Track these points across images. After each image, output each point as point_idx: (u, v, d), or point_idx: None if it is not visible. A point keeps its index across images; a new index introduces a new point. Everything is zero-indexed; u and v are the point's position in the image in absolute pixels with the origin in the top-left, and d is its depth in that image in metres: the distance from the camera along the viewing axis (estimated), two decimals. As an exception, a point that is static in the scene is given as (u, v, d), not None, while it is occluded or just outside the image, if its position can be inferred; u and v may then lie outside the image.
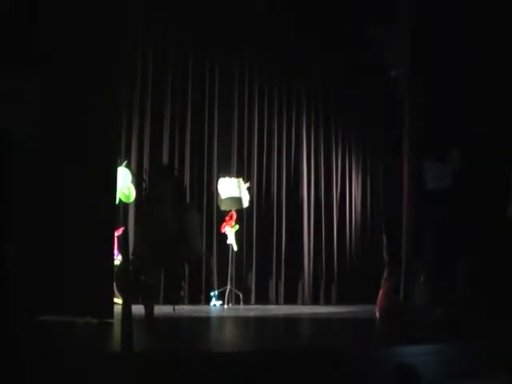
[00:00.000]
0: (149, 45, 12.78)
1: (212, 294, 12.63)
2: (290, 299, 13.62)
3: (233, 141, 13.46)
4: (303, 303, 13.57)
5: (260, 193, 13.63)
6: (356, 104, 14.32)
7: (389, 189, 14.24)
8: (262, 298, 13.39)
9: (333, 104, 14.31)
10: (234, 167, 13.37)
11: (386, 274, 11.17)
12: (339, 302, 13.49)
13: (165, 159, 12.89)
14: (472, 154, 12.65)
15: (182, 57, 13.08)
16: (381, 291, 11.10)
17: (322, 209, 14.18)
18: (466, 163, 12.69)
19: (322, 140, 14.33)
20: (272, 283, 13.58)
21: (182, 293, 12.34)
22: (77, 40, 8.87)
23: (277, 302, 13.47)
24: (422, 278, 11.47)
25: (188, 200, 12.93)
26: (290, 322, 11.23)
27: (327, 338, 8.85)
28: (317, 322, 11.36)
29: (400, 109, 13.53)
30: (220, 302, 12.47)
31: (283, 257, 13.68)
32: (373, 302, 11.46)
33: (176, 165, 12.90)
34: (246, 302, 13.03)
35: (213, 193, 13.04)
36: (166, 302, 9.56)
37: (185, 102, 13.08)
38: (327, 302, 13.58)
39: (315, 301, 13.73)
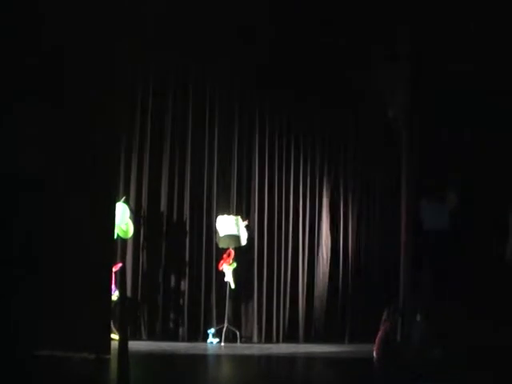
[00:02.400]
0: (149, 82, 12.82)
1: (209, 331, 12.56)
2: (290, 337, 13.51)
3: (232, 178, 13.45)
4: (299, 341, 13.46)
5: (259, 231, 13.59)
6: (354, 143, 14.33)
7: (386, 228, 14.24)
8: (260, 336, 13.31)
9: (331, 143, 14.30)
10: (233, 205, 13.35)
11: (385, 314, 11.14)
12: (336, 341, 13.39)
13: (163, 196, 12.89)
14: (470, 195, 12.70)
15: (183, 95, 13.11)
16: (380, 331, 11.07)
17: (315, 246, 14.12)
18: (463, 203, 12.73)
19: (317, 179, 14.28)
20: (270, 321, 13.49)
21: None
22: (82, 79, 9.02)
23: (278, 341, 13.37)
24: (419, 318, 11.43)
25: (187, 237, 12.97)
26: (286, 361, 11.18)
27: (322, 380, 8.81)
28: (312, 361, 11.30)
29: (397, 148, 13.63)
30: (217, 340, 12.40)
31: (282, 295, 13.61)
32: (370, 340, 11.43)
33: (175, 201, 12.92)
34: (247, 340, 12.97)
35: (212, 230, 13.01)
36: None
37: (184, 139, 13.09)
38: (322, 341, 13.48)
39: (308, 339, 13.63)
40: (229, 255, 12.69)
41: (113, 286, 10.46)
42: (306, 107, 13.85)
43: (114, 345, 8.06)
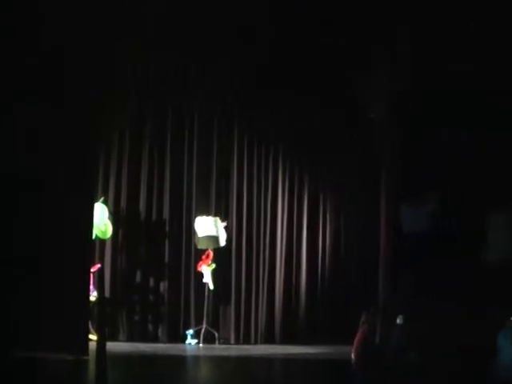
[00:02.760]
0: (128, 87, 12.73)
1: (187, 332, 12.51)
2: (267, 338, 13.50)
3: (211, 180, 13.41)
4: (277, 342, 13.44)
5: (237, 232, 13.56)
6: (332, 147, 14.31)
7: (365, 231, 14.26)
8: (238, 337, 13.28)
9: (308, 146, 14.29)
10: (212, 206, 13.31)
11: (363, 317, 11.14)
12: (313, 342, 13.38)
13: (142, 196, 12.84)
14: (450, 199, 12.75)
15: (162, 99, 13.03)
16: (358, 333, 11.07)
17: (293, 249, 14.11)
18: (443, 207, 12.79)
19: (296, 179, 14.28)
20: (252, 322, 13.47)
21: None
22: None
23: (256, 342, 13.35)
24: (398, 320, 11.46)
25: (166, 237, 12.93)
26: (264, 362, 11.17)
27: (300, 381, 8.80)
28: (291, 362, 11.30)
29: (377, 152, 13.67)
30: (195, 341, 12.36)
31: (260, 296, 13.60)
32: (346, 341, 11.43)
33: (154, 201, 12.88)
34: (225, 341, 12.92)
35: (190, 231, 12.96)
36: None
37: (164, 140, 13.05)
38: (301, 342, 13.47)
39: (288, 340, 13.62)
40: (207, 256, 12.65)
41: (91, 287, 10.38)
42: (286, 111, 13.84)
43: (93, 346, 8.03)
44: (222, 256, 13.07)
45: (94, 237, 10.99)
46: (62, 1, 9.24)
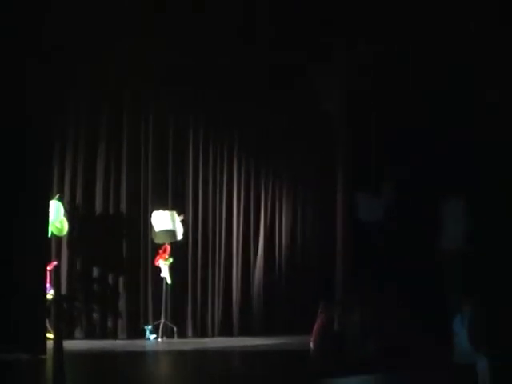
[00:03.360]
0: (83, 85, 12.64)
1: (146, 327, 12.47)
2: (224, 331, 13.55)
3: (167, 174, 13.39)
4: (234, 335, 13.50)
5: (195, 226, 13.57)
6: (288, 135, 14.37)
7: (321, 221, 14.35)
8: (197, 331, 13.29)
9: (264, 136, 14.33)
10: (169, 200, 13.28)
11: (321, 306, 11.22)
12: (270, 333, 13.45)
13: (99, 191, 12.73)
14: (404, 187, 12.86)
15: (117, 93, 12.93)
16: (316, 323, 11.14)
17: (250, 240, 14.17)
18: (398, 196, 12.90)
19: (252, 172, 14.33)
20: (206, 315, 13.49)
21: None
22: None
23: (213, 335, 13.38)
24: (356, 309, 11.54)
25: (123, 233, 12.88)
26: (222, 355, 11.20)
27: (259, 372, 8.84)
28: (250, 354, 11.34)
29: (333, 141, 13.75)
30: (154, 336, 12.33)
31: (216, 289, 13.63)
32: (304, 332, 11.51)
33: (111, 197, 12.80)
34: (181, 334, 12.89)
35: (147, 225, 12.92)
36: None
37: (120, 135, 12.96)
38: (258, 333, 13.53)
39: (246, 332, 13.68)
40: (165, 250, 12.61)
41: (48, 285, 10.32)
42: (240, 103, 13.85)
43: (51, 344, 7.98)
44: (178, 250, 13.07)
45: (50, 234, 10.91)
46: None
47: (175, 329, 12.67)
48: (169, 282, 12.61)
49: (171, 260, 12.65)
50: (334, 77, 13.12)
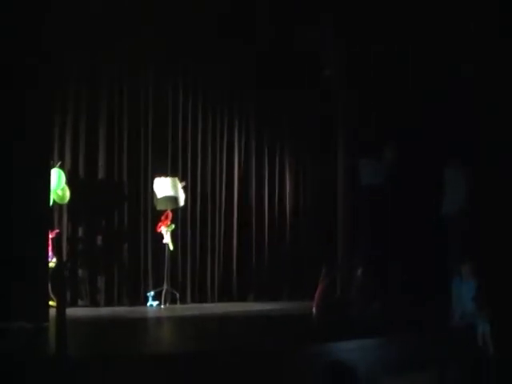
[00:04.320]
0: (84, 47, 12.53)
1: (148, 294, 12.52)
2: (226, 297, 13.62)
3: (168, 140, 13.37)
4: (238, 300, 13.57)
5: (195, 192, 13.58)
6: (288, 103, 14.33)
7: (323, 186, 14.36)
8: (199, 297, 13.35)
9: (265, 103, 14.28)
10: (169, 166, 13.27)
11: (323, 271, 11.26)
12: (274, 299, 13.53)
13: (100, 159, 12.71)
14: (406, 151, 12.84)
15: (118, 55, 12.80)
16: (319, 287, 11.18)
17: (252, 206, 14.18)
18: (399, 160, 12.88)
19: (253, 138, 14.31)
20: (208, 281, 13.55)
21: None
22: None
23: (213, 300, 13.44)
24: (359, 273, 11.59)
25: (126, 200, 12.89)
26: (225, 320, 11.27)
27: (261, 336, 8.88)
28: (252, 319, 11.41)
29: (334, 107, 13.72)
30: (157, 302, 12.38)
31: (217, 255, 13.68)
32: (309, 298, 11.56)
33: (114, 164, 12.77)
34: (183, 301, 12.94)
35: (148, 192, 12.93)
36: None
37: (120, 102, 12.91)
38: (260, 299, 13.61)
39: (248, 298, 13.76)
40: (167, 217, 12.63)
41: (50, 253, 10.35)
42: (240, 68, 13.80)
43: (52, 312, 8.03)
44: (180, 216, 13.12)
45: (51, 202, 10.92)
46: None
47: (178, 295, 12.72)
48: (171, 248, 12.64)
49: (173, 226, 12.67)
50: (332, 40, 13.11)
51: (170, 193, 12.60)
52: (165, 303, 12.38)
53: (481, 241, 11.25)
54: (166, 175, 12.82)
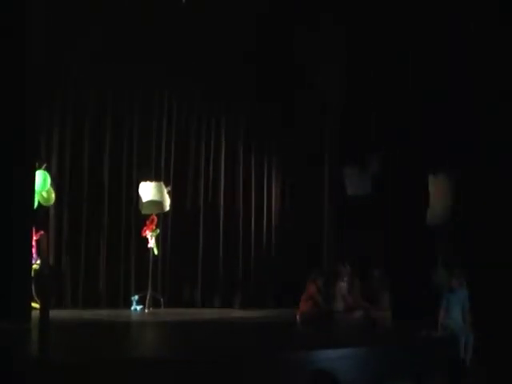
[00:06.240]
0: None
1: (132, 298, 12.48)
2: (210, 302, 13.61)
3: (153, 144, 13.36)
4: (222, 306, 13.55)
5: (181, 197, 13.56)
6: (276, 114, 14.33)
7: (309, 196, 14.34)
8: (183, 302, 13.32)
9: (252, 113, 14.29)
10: (153, 171, 13.24)
11: (313, 274, 11.32)
12: (257, 306, 13.52)
13: (85, 162, 12.69)
14: (390, 160, 12.87)
15: (105, 63, 12.78)
16: (303, 295, 11.21)
17: (240, 214, 14.18)
18: (384, 168, 12.92)
19: (241, 146, 14.32)
20: (193, 287, 13.54)
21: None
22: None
23: (197, 306, 13.42)
24: (344, 282, 11.62)
25: (106, 203, 12.86)
26: (209, 326, 11.24)
27: (243, 343, 8.87)
28: (235, 326, 11.39)
29: (320, 116, 13.77)
30: (141, 306, 12.35)
31: (202, 261, 13.66)
32: (291, 306, 11.57)
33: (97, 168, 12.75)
34: (167, 305, 12.91)
35: (132, 196, 12.90)
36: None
37: (105, 106, 12.90)
38: (244, 306, 13.59)
39: (232, 304, 13.75)
40: (152, 221, 12.60)
41: (34, 255, 10.31)
42: (230, 78, 13.81)
43: (35, 314, 7.99)
44: (165, 221, 13.12)
45: (36, 204, 10.89)
46: None
47: (161, 299, 12.68)
48: (156, 253, 12.61)
49: (158, 231, 12.65)
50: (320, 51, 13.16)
51: (156, 197, 12.57)
52: (149, 308, 12.34)
53: (468, 250, 11.26)
54: (152, 179, 12.79)
